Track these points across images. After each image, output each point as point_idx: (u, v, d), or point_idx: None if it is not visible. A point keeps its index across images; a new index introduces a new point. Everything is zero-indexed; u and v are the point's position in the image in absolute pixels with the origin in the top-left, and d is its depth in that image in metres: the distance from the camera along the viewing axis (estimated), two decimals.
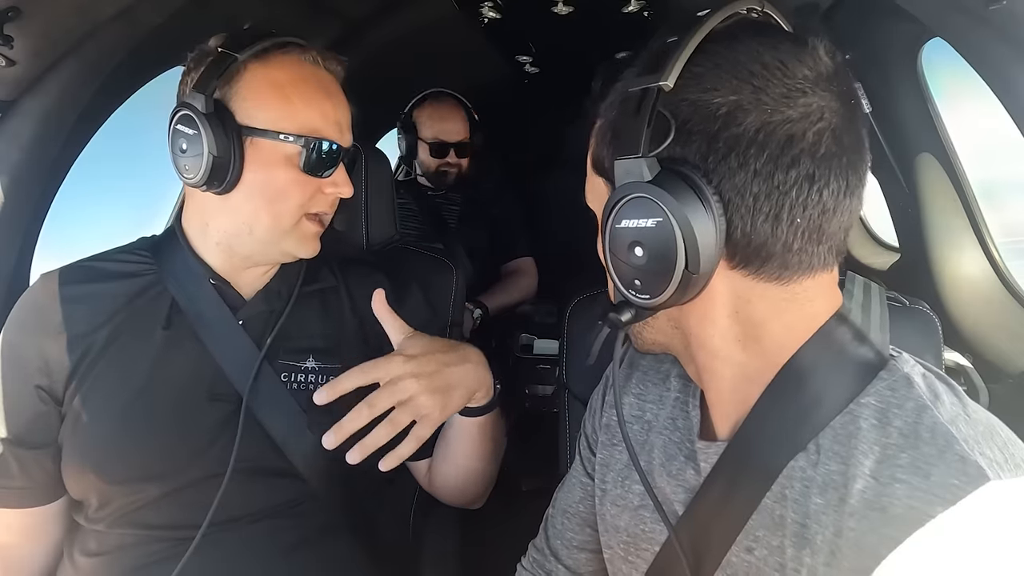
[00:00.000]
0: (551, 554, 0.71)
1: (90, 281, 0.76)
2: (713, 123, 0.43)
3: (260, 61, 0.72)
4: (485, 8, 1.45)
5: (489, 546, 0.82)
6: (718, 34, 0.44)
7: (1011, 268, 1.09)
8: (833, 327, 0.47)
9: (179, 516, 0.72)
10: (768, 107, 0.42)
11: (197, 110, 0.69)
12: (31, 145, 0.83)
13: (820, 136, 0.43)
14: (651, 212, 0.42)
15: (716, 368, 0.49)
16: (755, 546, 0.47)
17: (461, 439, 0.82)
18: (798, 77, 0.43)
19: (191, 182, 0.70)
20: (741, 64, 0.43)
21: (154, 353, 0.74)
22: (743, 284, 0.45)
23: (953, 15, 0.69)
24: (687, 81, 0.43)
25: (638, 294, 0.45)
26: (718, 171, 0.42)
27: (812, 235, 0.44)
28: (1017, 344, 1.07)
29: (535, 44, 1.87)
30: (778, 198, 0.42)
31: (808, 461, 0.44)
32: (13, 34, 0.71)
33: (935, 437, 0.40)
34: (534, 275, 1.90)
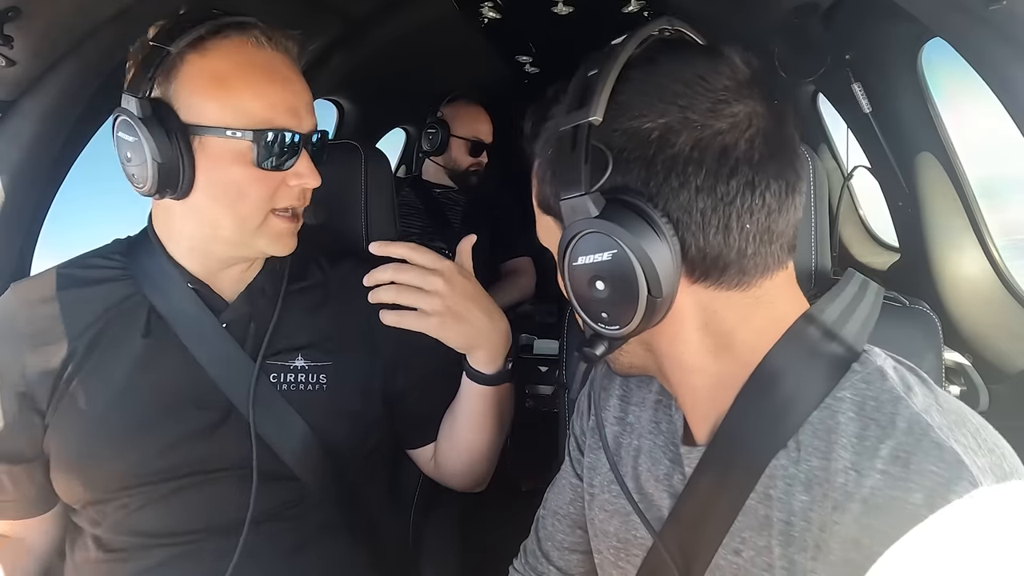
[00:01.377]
0: (542, 555, 0.71)
1: (64, 289, 0.74)
2: (648, 148, 0.43)
3: (197, 51, 0.66)
4: (485, 8, 1.45)
5: (489, 546, 0.82)
6: (636, 60, 0.45)
7: (1011, 267, 1.09)
8: (802, 327, 0.48)
9: (174, 523, 0.71)
10: (697, 123, 0.43)
11: (133, 114, 0.64)
12: (31, 145, 0.83)
13: (752, 142, 0.44)
14: (605, 245, 0.43)
15: (691, 381, 0.50)
16: (743, 547, 0.47)
17: (470, 409, 0.82)
18: (719, 88, 0.44)
19: (143, 191, 0.67)
20: (663, 86, 0.44)
21: (135, 361, 0.72)
22: (707, 296, 0.46)
23: (953, 15, 0.69)
24: (615, 111, 0.44)
25: (607, 326, 0.45)
26: (661, 193, 0.43)
27: (763, 237, 0.45)
28: (1017, 344, 1.07)
29: (535, 44, 1.87)
30: (724, 209, 0.43)
31: (789, 459, 0.45)
32: (13, 34, 0.71)
33: (911, 427, 0.40)
34: (532, 275, 1.90)
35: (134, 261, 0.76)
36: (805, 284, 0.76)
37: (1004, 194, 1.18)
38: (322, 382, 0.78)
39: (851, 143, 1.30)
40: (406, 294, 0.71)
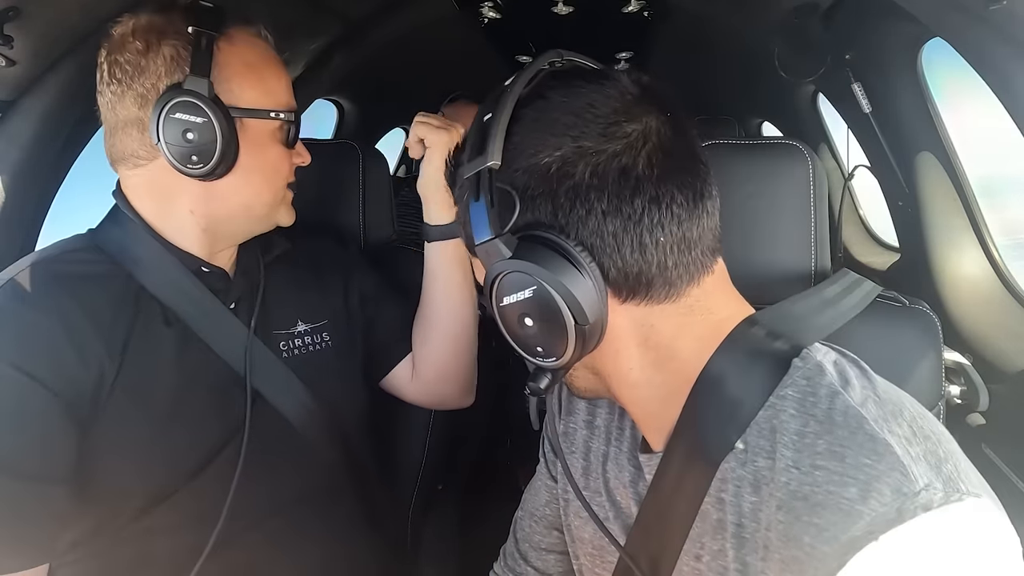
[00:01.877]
0: (520, 557, 0.72)
1: (73, 286, 0.68)
2: (550, 182, 0.44)
3: (226, 40, 0.69)
4: (485, 8, 1.45)
5: (489, 546, 0.82)
6: (527, 98, 0.46)
7: (1013, 267, 1.09)
8: (743, 330, 0.48)
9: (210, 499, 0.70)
10: (592, 149, 0.44)
11: (204, 97, 0.65)
12: (31, 145, 0.83)
13: (650, 158, 0.44)
14: (524, 283, 0.44)
15: (639, 395, 0.50)
16: (702, 553, 0.48)
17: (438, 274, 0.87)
18: (609, 112, 0.44)
19: (199, 171, 0.66)
20: (555, 120, 0.45)
21: (169, 351, 0.70)
22: (640, 313, 0.47)
23: (953, 15, 0.69)
24: (513, 152, 0.45)
25: (544, 359, 0.46)
26: (571, 223, 0.44)
27: (680, 247, 0.45)
28: (1017, 344, 1.07)
29: (535, 44, 1.87)
30: (634, 227, 0.44)
31: (737, 460, 0.45)
32: (13, 34, 0.71)
33: (847, 420, 0.41)
34: None
35: (116, 252, 0.71)
36: (805, 284, 0.76)
37: (1005, 194, 1.18)
38: (326, 340, 0.83)
39: (851, 143, 1.31)
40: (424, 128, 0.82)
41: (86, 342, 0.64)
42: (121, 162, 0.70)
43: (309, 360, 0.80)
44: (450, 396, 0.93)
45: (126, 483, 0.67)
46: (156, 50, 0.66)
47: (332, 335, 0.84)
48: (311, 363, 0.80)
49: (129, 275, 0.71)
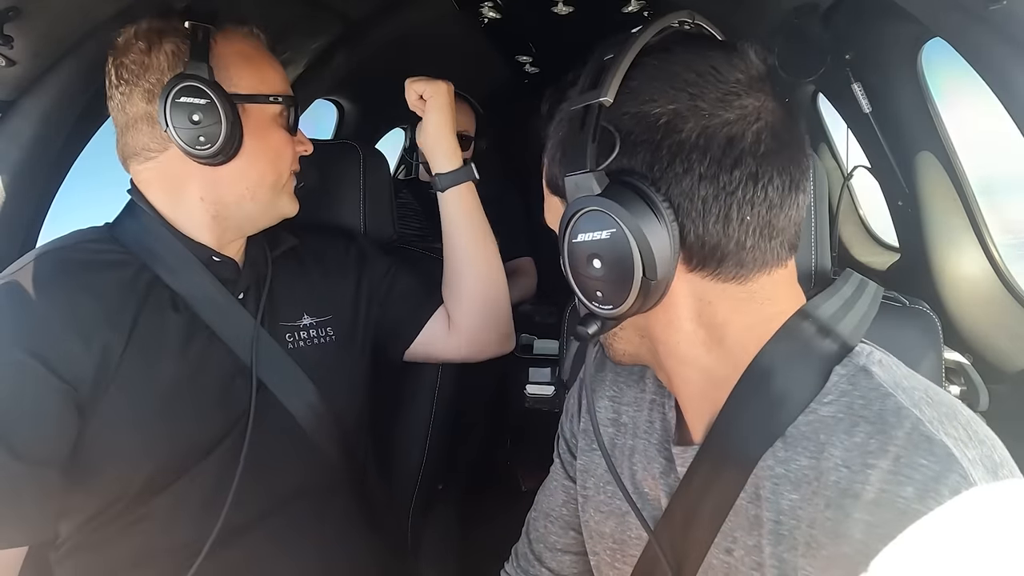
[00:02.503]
0: (535, 558, 0.71)
1: (82, 273, 0.70)
2: (655, 133, 0.44)
3: (222, 33, 0.74)
4: (485, 8, 1.45)
5: (489, 546, 0.82)
6: (652, 48, 0.46)
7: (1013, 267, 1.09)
8: (796, 323, 0.48)
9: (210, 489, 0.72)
10: (705, 112, 0.44)
11: (205, 80, 0.69)
12: (31, 145, 0.83)
13: (759, 135, 0.44)
14: (604, 224, 0.43)
15: (685, 373, 0.50)
16: (734, 547, 0.47)
17: (457, 220, 0.91)
18: (731, 81, 0.44)
19: (205, 152, 0.69)
20: (676, 74, 0.44)
21: (173, 337, 0.72)
22: (703, 286, 0.46)
23: (953, 15, 0.69)
24: (626, 95, 0.44)
25: (601, 305, 0.46)
26: (665, 178, 0.44)
27: (763, 231, 0.45)
28: (1017, 343, 1.07)
29: (535, 44, 1.87)
30: (725, 199, 0.44)
31: (776, 459, 0.45)
32: (13, 34, 0.71)
33: (901, 421, 0.41)
34: (534, 275, 1.90)
35: (132, 243, 0.74)
36: (805, 284, 0.76)
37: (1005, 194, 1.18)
38: (330, 334, 0.84)
39: (851, 143, 1.30)
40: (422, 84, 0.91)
41: (91, 327, 0.67)
42: (133, 158, 0.74)
43: (313, 353, 0.81)
44: (491, 343, 0.95)
45: (126, 466, 0.68)
46: (158, 48, 0.70)
47: (336, 330, 0.85)
48: (315, 356, 0.81)
49: (142, 264, 0.73)
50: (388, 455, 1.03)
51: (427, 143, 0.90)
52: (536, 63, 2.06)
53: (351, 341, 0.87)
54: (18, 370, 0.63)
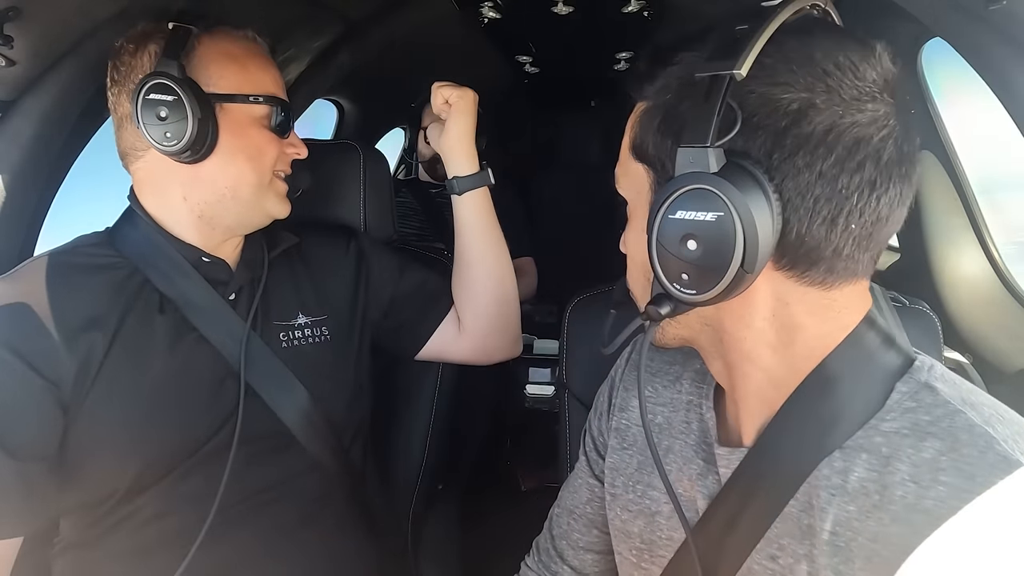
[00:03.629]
0: (556, 554, 0.70)
1: (75, 275, 0.73)
2: (781, 119, 0.41)
3: (209, 35, 0.74)
4: (485, 8, 1.45)
5: (489, 545, 0.82)
6: (790, 27, 0.42)
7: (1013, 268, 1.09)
8: (863, 332, 0.46)
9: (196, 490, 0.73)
10: (839, 108, 0.41)
11: (174, 76, 0.69)
12: (31, 145, 0.82)
13: (885, 143, 0.42)
14: (712, 205, 0.41)
15: (746, 369, 0.49)
16: (780, 554, 0.46)
17: (471, 224, 0.91)
18: (868, 80, 0.42)
19: (172, 149, 0.70)
20: (815, 61, 0.41)
21: (159, 339, 0.73)
22: (785, 286, 0.45)
23: (953, 15, 0.68)
24: (757, 72, 0.41)
25: (683, 288, 0.43)
26: (781, 169, 0.41)
27: (862, 242, 0.43)
28: (1017, 343, 1.07)
29: (535, 44, 1.86)
30: (838, 202, 0.42)
31: (833, 469, 0.44)
32: (13, 34, 0.71)
33: (974, 439, 0.40)
34: (534, 275, 1.90)
35: (125, 247, 0.76)
36: None
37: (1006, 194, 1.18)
38: (325, 334, 0.84)
39: None
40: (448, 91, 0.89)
41: (75, 328, 0.69)
42: (125, 157, 0.76)
43: (307, 352, 0.81)
44: (501, 346, 0.95)
45: (113, 465, 0.69)
46: (143, 49, 0.72)
47: (332, 330, 0.85)
48: (309, 356, 0.81)
49: (134, 267, 0.75)
50: (388, 456, 1.03)
51: (447, 146, 0.89)
52: (536, 63, 2.05)
53: (347, 340, 0.87)
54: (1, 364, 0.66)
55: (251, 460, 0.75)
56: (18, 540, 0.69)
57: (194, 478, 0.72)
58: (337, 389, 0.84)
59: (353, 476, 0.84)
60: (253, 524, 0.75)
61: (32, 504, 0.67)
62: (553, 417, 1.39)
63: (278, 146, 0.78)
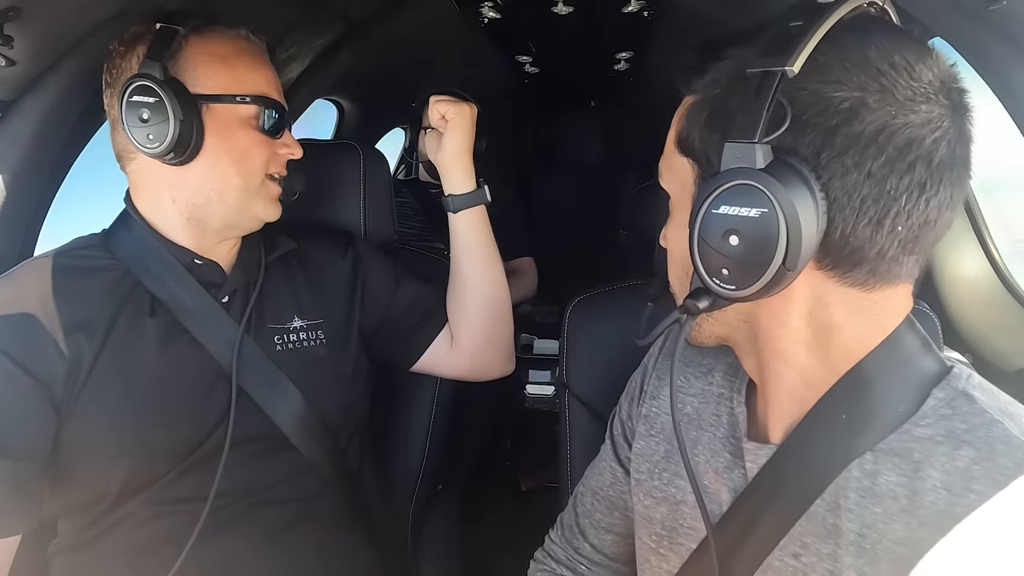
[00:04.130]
0: (579, 531, 0.72)
1: (69, 277, 0.73)
2: (832, 117, 0.41)
3: (198, 35, 0.73)
4: (485, 8, 1.45)
5: (489, 545, 0.82)
6: (845, 24, 0.42)
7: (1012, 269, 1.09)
8: (902, 334, 0.46)
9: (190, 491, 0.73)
10: (892, 109, 0.40)
11: (155, 78, 0.68)
12: (31, 145, 0.82)
13: (937, 144, 0.41)
14: (757, 202, 0.40)
15: (779, 368, 0.48)
16: (803, 552, 0.47)
17: (466, 243, 0.89)
18: (923, 81, 0.41)
19: (155, 151, 0.69)
20: (870, 60, 0.41)
21: (150, 342, 0.73)
22: (825, 286, 0.44)
23: (953, 15, 0.68)
24: (809, 69, 0.40)
25: (723, 284, 0.43)
26: (829, 168, 0.41)
27: (908, 245, 0.43)
28: (1017, 343, 1.07)
29: (535, 44, 1.86)
30: (886, 203, 0.41)
31: (863, 471, 0.44)
32: (13, 34, 0.71)
33: (1011, 449, 0.40)
34: (534, 275, 1.90)
35: (119, 249, 0.76)
36: None
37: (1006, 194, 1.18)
38: (321, 337, 0.84)
39: None
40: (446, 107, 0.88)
41: (65, 330, 0.69)
42: (120, 159, 0.76)
43: (302, 356, 0.81)
44: (492, 364, 0.94)
45: (103, 467, 0.69)
46: (132, 51, 0.72)
47: (327, 333, 0.85)
48: (304, 359, 0.81)
49: (126, 270, 0.75)
50: (388, 456, 1.03)
51: (444, 162, 0.88)
52: (536, 63, 2.05)
53: (344, 344, 0.86)
54: None
55: (245, 462, 0.75)
56: (15, 540, 0.69)
57: (187, 480, 0.72)
58: (333, 392, 0.83)
59: (349, 477, 0.84)
60: (248, 524, 0.75)
61: (26, 504, 0.68)
62: (553, 417, 1.39)
63: (268, 147, 0.76)
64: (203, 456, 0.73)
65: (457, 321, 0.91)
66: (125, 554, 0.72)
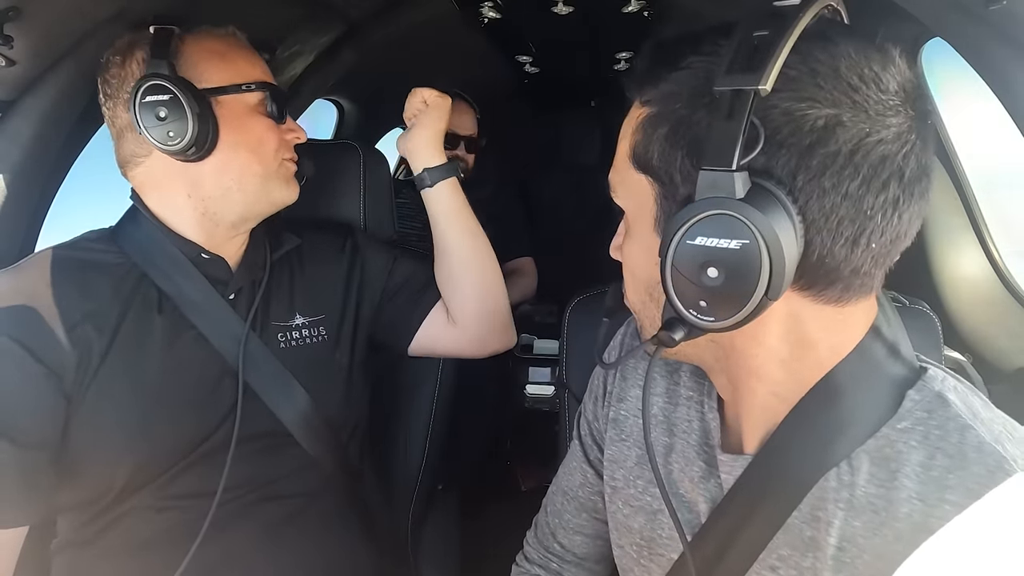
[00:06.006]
0: (550, 531, 0.71)
1: (77, 271, 0.73)
2: (807, 137, 0.38)
3: (192, 35, 0.75)
4: (485, 8, 1.45)
5: (489, 545, 0.82)
6: (810, 33, 0.39)
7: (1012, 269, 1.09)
8: (869, 342, 0.45)
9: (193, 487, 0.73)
10: (866, 125, 0.38)
11: (167, 76, 0.69)
12: (31, 145, 0.82)
13: (907, 159, 0.40)
14: (738, 233, 0.38)
15: (752, 385, 0.48)
16: (780, 565, 0.46)
17: (447, 216, 0.90)
18: (891, 92, 0.39)
19: (175, 147, 0.70)
20: (841, 74, 0.39)
21: (157, 338, 0.73)
22: (799, 304, 0.43)
23: (953, 15, 0.68)
24: (780, 86, 0.38)
25: (701, 315, 0.41)
26: (806, 190, 0.39)
27: (880, 260, 0.42)
28: (1016, 343, 1.07)
29: (535, 44, 1.86)
30: (862, 223, 0.40)
31: (840, 482, 0.43)
32: (13, 34, 0.71)
33: (983, 457, 0.39)
34: (534, 275, 1.90)
35: (127, 244, 0.77)
36: None
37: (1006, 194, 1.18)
38: (322, 333, 0.84)
39: None
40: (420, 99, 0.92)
41: (76, 323, 0.69)
42: (126, 165, 0.76)
43: (305, 353, 0.82)
44: (491, 338, 0.94)
45: (109, 460, 0.69)
46: (131, 59, 0.73)
47: (329, 330, 0.85)
48: (307, 356, 0.82)
49: (134, 264, 0.75)
50: (388, 455, 1.03)
51: (418, 144, 0.90)
52: (536, 63, 2.05)
53: (345, 339, 0.87)
54: (5, 354, 0.66)
55: (248, 458, 0.75)
56: (22, 533, 0.69)
57: (191, 475, 0.73)
58: (335, 388, 0.84)
59: (350, 473, 0.85)
60: (250, 519, 0.76)
61: (34, 493, 0.68)
62: (553, 417, 1.39)
63: (277, 133, 0.78)
64: (207, 452, 0.73)
65: (450, 297, 0.92)
66: (128, 550, 0.72)
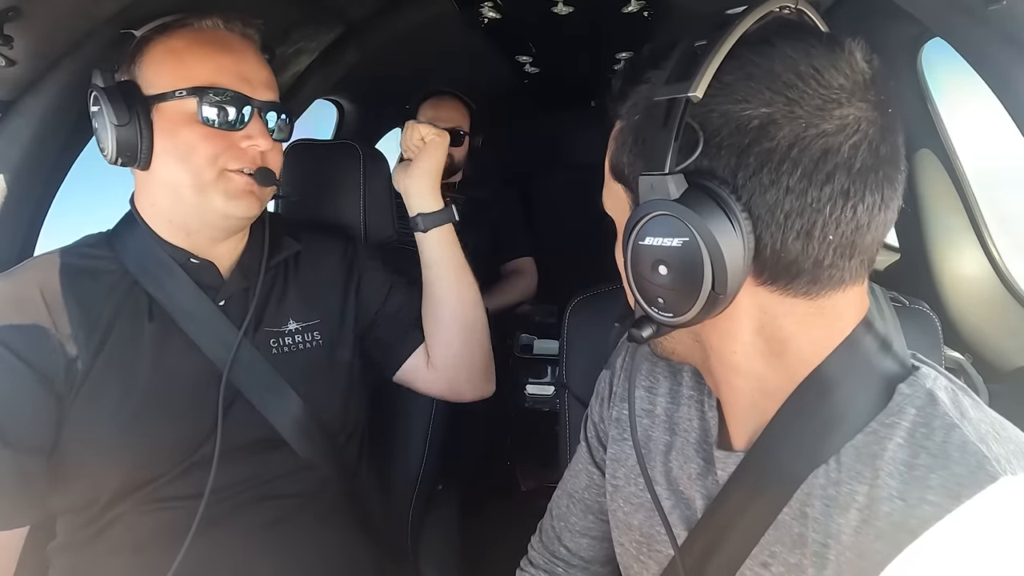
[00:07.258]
0: (555, 535, 0.71)
1: (73, 276, 0.73)
2: (743, 136, 0.40)
3: (160, 35, 0.73)
4: (485, 8, 1.45)
5: (489, 546, 0.82)
6: (750, 38, 0.41)
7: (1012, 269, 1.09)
8: (859, 336, 0.45)
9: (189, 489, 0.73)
10: (803, 120, 0.40)
11: (98, 87, 0.69)
12: (31, 145, 0.82)
13: (856, 149, 0.40)
14: (677, 231, 0.40)
15: (736, 382, 0.48)
16: (771, 561, 0.46)
17: (438, 262, 0.89)
18: (834, 87, 0.40)
19: (107, 158, 0.71)
20: (775, 74, 0.40)
21: (147, 344, 0.73)
22: (770, 300, 0.44)
23: (953, 15, 0.68)
24: (717, 90, 0.40)
25: (661, 312, 0.43)
26: (748, 187, 0.40)
27: (844, 251, 0.42)
28: (1016, 343, 1.07)
29: (535, 44, 1.86)
30: (811, 215, 0.40)
31: (828, 479, 0.44)
32: (13, 34, 0.71)
33: (965, 456, 0.39)
34: (534, 275, 1.90)
35: (122, 249, 0.77)
36: None
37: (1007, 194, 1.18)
38: (317, 339, 0.83)
39: None
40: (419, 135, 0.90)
41: (67, 327, 0.69)
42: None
43: (298, 358, 0.81)
44: (467, 386, 0.93)
45: (100, 466, 0.70)
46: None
47: (324, 334, 0.84)
48: (300, 361, 0.81)
49: (125, 270, 0.75)
50: (388, 456, 1.03)
51: (413, 185, 0.88)
52: (536, 63, 2.05)
53: (340, 344, 0.86)
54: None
55: (243, 460, 0.75)
56: (21, 534, 0.70)
57: (186, 479, 0.73)
58: (330, 393, 0.83)
59: (347, 475, 0.84)
60: (248, 516, 0.76)
61: (31, 495, 0.68)
62: (553, 417, 1.39)
63: (217, 141, 0.72)
64: (199, 460, 0.73)
65: (432, 340, 0.91)
66: (124, 550, 0.72)
